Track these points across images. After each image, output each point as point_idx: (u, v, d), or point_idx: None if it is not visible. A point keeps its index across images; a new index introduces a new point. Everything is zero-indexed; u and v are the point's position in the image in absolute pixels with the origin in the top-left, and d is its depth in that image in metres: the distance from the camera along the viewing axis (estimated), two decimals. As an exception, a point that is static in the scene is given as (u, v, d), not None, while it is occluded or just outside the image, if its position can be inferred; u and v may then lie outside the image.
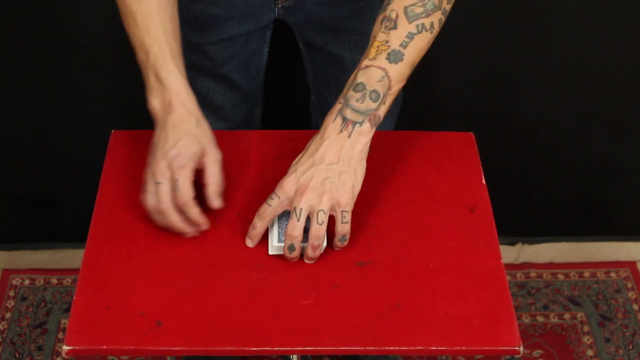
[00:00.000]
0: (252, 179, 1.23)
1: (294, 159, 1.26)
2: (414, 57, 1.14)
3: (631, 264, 2.15)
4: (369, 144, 1.12)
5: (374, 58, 1.12)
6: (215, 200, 1.14)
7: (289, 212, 1.10)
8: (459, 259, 1.13)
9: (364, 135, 1.11)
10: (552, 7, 1.75)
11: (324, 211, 1.09)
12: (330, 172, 1.10)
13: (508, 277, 1.29)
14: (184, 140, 1.13)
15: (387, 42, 1.13)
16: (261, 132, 1.33)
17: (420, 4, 1.14)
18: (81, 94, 1.85)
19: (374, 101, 1.11)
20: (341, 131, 1.11)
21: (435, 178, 1.24)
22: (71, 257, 2.09)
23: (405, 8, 1.13)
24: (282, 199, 1.11)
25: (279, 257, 1.12)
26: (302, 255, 1.11)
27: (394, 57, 1.13)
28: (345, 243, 1.12)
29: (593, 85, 1.87)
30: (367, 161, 1.13)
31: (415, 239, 1.15)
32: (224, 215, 1.18)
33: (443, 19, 1.16)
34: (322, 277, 1.10)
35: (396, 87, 1.13)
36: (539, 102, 1.90)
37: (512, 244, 2.13)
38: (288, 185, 1.10)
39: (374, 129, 1.12)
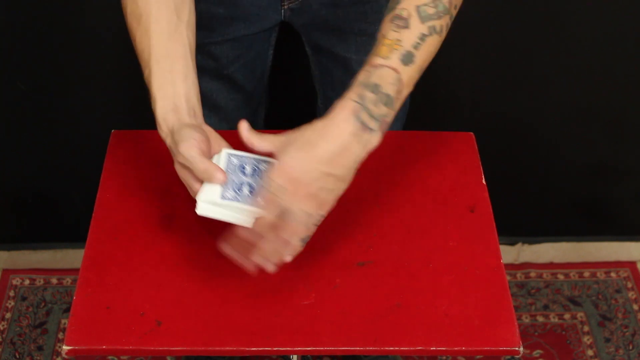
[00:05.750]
0: (252, 179, 1.23)
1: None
2: (424, 60, 1.08)
3: (631, 264, 2.15)
4: None
5: (387, 57, 1.05)
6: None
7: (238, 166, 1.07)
8: (459, 259, 1.13)
9: (372, 144, 1.02)
10: (552, 7, 1.75)
11: (315, 225, 1.02)
12: (330, 178, 1.00)
13: (508, 277, 1.29)
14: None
15: (399, 41, 1.06)
16: (263, 132, 1.33)
17: (432, 4, 1.09)
18: (81, 94, 1.85)
19: (386, 106, 1.03)
20: (355, 135, 1.01)
21: (435, 178, 1.24)
22: (71, 257, 2.09)
23: (418, 7, 1.08)
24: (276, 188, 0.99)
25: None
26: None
27: (406, 58, 1.06)
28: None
29: (593, 85, 1.87)
30: (367, 160, 1.13)
31: (415, 239, 1.15)
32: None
33: (450, 24, 1.12)
34: (322, 277, 1.10)
35: (406, 91, 1.06)
36: (539, 102, 1.90)
37: (512, 244, 2.13)
38: (282, 177, 0.99)
39: (381, 138, 1.03)
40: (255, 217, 1.01)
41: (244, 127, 1.06)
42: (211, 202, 1.04)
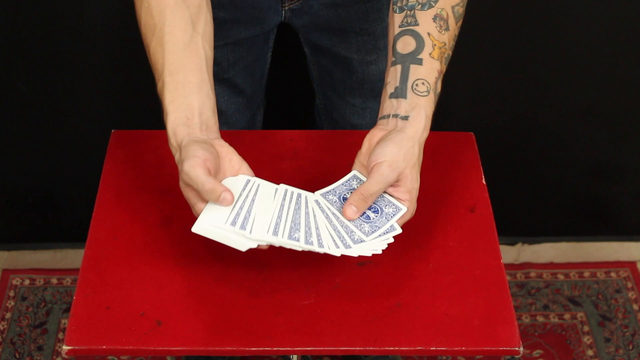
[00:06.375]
0: (252, 179, 1.22)
1: (294, 159, 1.26)
2: None
3: (631, 264, 2.15)
4: None
5: (441, 62, 1.10)
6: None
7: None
8: (459, 259, 1.13)
9: None
10: (552, 7, 1.75)
11: None
12: None
13: (508, 277, 1.29)
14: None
15: (444, 44, 1.10)
16: (261, 132, 1.33)
17: (461, 4, 1.12)
18: (81, 94, 1.85)
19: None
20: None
21: (435, 178, 1.24)
22: (71, 257, 2.09)
23: (453, 7, 1.12)
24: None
25: (280, 257, 1.12)
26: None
27: (447, 60, 1.11)
28: None
29: (593, 85, 1.87)
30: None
31: (415, 239, 1.15)
32: (224, 215, 1.17)
33: None
34: (322, 277, 1.10)
35: None
36: (539, 102, 1.90)
37: (512, 244, 2.13)
38: (414, 193, 1.07)
39: None
40: (256, 244, 1.02)
41: (352, 212, 1.05)
42: (214, 226, 1.02)
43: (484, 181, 1.24)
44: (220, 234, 1.02)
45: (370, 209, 1.06)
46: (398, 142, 1.05)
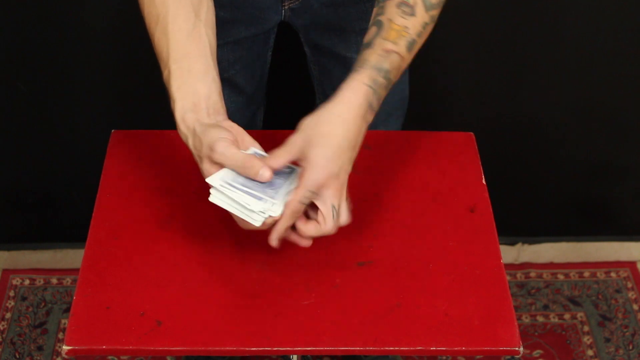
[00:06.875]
0: (252, 179, 1.22)
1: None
2: (420, 47, 1.12)
3: (631, 264, 2.15)
4: None
5: (396, 43, 1.09)
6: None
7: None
8: (459, 259, 1.13)
9: (370, 122, 1.08)
10: (552, 7, 1.75)
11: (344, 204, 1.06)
12: (351, 160, 1.06)
13: (508, 277, 1.29)
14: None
15: (406, 28, 1.09)
16: (261, 132, 1.33)
17: None
18: (81, 94, 1.85)
19: (386, 90, 1.08)
20: (365, 117, 1.06)
21: (435, 178, 1.24)
22: (71, 257, 2.09)
23: None
24: (314, 193, 1.04)
25: (280, 257, 1.12)
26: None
27: (411, 46, 1.10)
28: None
29: (593, 85, 1.87)
30: (367, 160, 1.13)
31: (415, 239, 1.15)
32: (224, 214, 1.17)
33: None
34: (322, 277, 1.10)
35: (397, 79, 1.10)
36: (539, 102, 1.90)
37: (512, 244, 2.13)
38: (320, 178, 1.03)
39: None
40: (267, 216, 1.03)
41: (267, 173, 1.05)
42: (227, 186, 1.03)
43: (484, 181, 1.24)
44: (235, 196, 1.03)
45: (276, 174, 1.06)
46: (314, 114, 1.06)
